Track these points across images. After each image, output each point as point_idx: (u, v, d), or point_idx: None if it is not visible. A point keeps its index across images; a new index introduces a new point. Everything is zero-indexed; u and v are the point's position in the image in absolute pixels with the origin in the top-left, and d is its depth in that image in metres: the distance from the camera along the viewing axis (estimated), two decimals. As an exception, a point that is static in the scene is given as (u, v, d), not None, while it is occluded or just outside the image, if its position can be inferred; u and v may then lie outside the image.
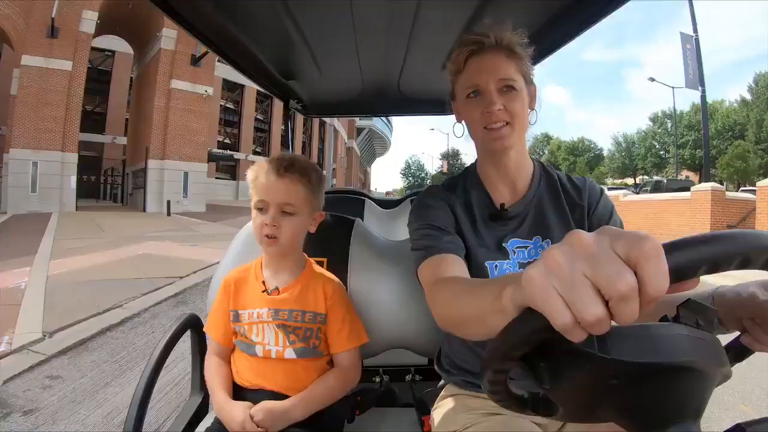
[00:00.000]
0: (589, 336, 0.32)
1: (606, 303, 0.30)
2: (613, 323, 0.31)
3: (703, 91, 12.15)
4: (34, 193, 12.14)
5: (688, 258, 0.31)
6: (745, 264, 0.32)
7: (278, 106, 25.19)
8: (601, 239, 0.31)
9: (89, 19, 12.96)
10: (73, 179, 12.90)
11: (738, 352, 0.50)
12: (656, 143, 43.82)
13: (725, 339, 0.45)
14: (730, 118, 36.09)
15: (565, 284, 0.31)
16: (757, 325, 0.49)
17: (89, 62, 14.09)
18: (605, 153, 46.80)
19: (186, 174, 14.82)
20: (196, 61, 14.73)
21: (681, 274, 0.31)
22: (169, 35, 14.17)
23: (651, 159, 43.21)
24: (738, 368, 0.47)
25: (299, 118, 24.71)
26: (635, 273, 0.29)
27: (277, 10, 0.97)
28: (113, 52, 20.14)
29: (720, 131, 36.22)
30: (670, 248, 0.31)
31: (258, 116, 27.54)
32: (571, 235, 0.33)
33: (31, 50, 12.18)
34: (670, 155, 40.82)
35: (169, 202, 13.45)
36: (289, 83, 1.57)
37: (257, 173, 0.88)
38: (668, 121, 43.05)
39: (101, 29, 13.80)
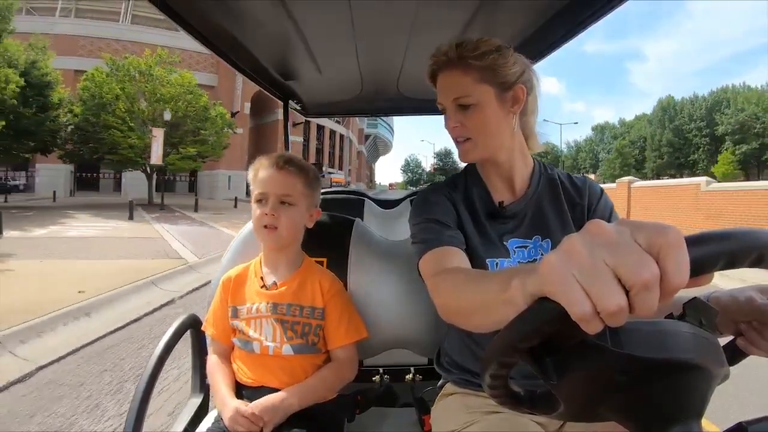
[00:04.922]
0: (602, 329, 0.30)
1: (626, 293, 0.29)
2: None
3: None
4: (229, 190, 26.70)
5: (708, 252, 0.30)
6: (758, 262, 0.32)
7: (327, 131, 39.28)
8: (622, 228, 0.31)
9: (247, 105, 27.68)
10: (245, 183, 27.63)
11: (732, 355, 0.51)
12: (596, 148, 57.55)
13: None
14: (639, 132, 49.85)
15: (586, 272, 0.30)
16: (753, 329, 0.50)
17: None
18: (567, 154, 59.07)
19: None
20: (295, 125, 29.35)
21: (699, 267, 0.30)
22: (280, 111, 28.92)
23: (589, 161, 57.09)
24: None
25: (326, 133, 37.86)
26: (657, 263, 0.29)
27: (276, 11, 0.97)
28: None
29: (633, 141, 50.12)
30: (690, 241, 0.30)
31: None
32: (591, 224, 0.32)
33: (222, 123, 26.82)
34: (601, 159, 54.81)
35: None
36: (289, 83, 1.56)
37: (257, 169, 0.93)
38: (606, 131, 57.16)
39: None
